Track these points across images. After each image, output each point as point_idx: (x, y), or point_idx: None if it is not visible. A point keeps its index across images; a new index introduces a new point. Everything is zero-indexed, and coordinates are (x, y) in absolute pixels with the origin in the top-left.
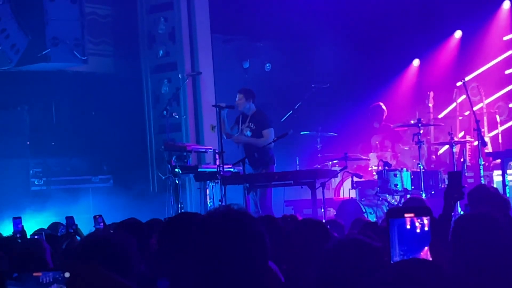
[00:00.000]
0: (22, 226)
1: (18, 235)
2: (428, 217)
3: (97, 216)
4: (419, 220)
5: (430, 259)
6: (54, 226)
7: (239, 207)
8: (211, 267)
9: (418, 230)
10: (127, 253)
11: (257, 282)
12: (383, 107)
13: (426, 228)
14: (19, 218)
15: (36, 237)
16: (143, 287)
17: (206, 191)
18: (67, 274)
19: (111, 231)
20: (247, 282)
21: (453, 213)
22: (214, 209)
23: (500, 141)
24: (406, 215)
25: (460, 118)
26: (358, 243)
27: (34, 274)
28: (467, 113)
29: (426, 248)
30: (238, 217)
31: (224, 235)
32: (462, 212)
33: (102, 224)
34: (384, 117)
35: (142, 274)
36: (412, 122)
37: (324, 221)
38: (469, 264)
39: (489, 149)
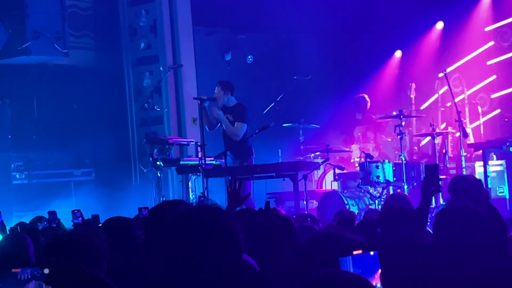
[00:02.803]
0: (2, 221)
1: None
2: (375, 252)
3: (75, 211)
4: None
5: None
6: (37, 220)
7: (213, 203)
8: (183, 263)
9: (372, 253)
10: (95, 249)
11: (229, 278)
12: (367, 98)
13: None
14: None
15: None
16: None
17: (188, 184)
18: (46, 271)
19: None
20: (219, 278)
21: (435, 206)
22: (188, 206)
23: (482, 132)
24: (354, 252)
25: (442, 109)
26: (331, 237)
27: (13, 270)
28: (449, 104)
29: (379, 271)
30: (211, 214)
31: (196, 232)
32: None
33: (80, 218)
34: (367, 109)
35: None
36: (394, 113)
37: (307, 212)
38: (450, 257)
39: (471, 140)
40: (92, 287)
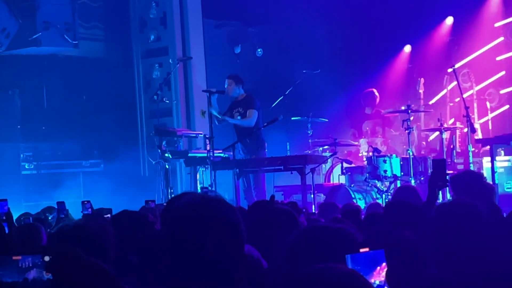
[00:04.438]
0: (8, 208)
1: (3, 218)
2: (382, 250)
3: (85, 202)
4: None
5: (382, 279)
6: (47, 210)
7: (216, 194)
8: (184, 254)
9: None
10: (103, 239)
11: (230, 270)
12: (376, 93)
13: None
14: (5, 200)
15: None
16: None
17: (196, 176)
18: (46, 258)
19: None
20: (220, 269)
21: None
22: (192, 197)
23: (490, 127)
24: (361, 250)
25: (451, 104)
26: (322, 230)
27: (14, 257)
28: (457, 99)
29: (378, 268)
30: (213, 204)
31: (198, 222)
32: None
33: (90, 209)
34: (376, 103)
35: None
36: (402, 108)
37: (314, 205)
38: (449, 251)
39: (479, 135)
40: (93, 275)
